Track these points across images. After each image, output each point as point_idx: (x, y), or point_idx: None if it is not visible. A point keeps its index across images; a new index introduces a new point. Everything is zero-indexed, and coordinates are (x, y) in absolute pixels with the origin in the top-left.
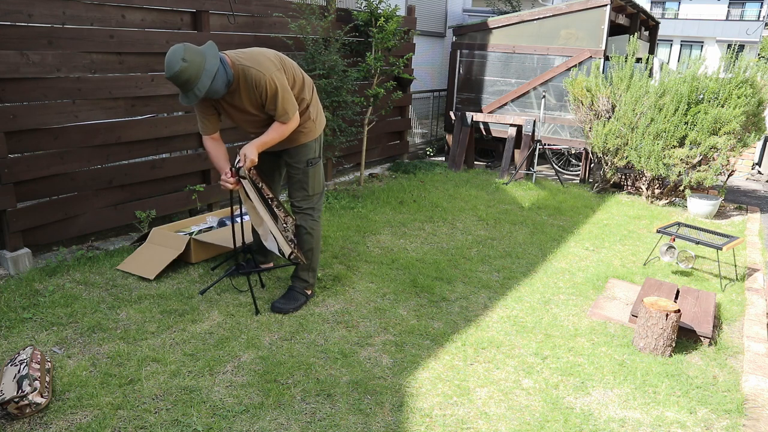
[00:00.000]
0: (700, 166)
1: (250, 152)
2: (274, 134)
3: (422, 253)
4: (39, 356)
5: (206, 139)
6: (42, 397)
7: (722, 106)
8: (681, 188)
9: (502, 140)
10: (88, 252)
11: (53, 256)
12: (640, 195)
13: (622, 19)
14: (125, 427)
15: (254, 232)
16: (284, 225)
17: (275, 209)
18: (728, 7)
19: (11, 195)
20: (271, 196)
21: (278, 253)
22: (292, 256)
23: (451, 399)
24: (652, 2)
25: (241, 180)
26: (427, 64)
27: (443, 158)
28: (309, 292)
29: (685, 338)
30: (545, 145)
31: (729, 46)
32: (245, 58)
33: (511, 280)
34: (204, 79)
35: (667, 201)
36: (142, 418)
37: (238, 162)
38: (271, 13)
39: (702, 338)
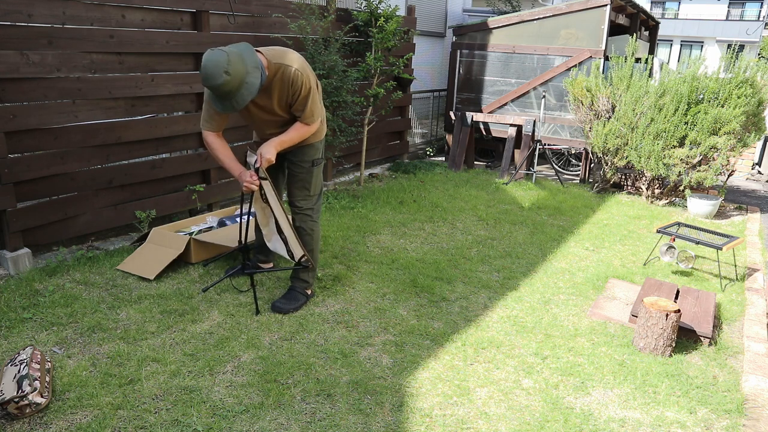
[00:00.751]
0: (700, 166)
1: (268, 152)
2: (295, 135)
3: (422, 253)
4: (39, 356)
5: (210, 135)
6: (42, 397)
7: (722, 106)
8: (681, 188)
9: (502, 140)
10: (88, 252)
11: (53, 256)
12: (640, 195)
13: (622, 19)
14: (125, 427)
15: (257, 231)
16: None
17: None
18: (728, 7)
19: (11, 195)
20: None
21: (286, 255)
22: (303, 259)
23: (451, 399)
24: (652, 2)
25: (261, 181)
26: (427, 64)
27: (443, 158)
28: (309, 292)
29: (685, 338)
30: (545, 145)
31: (729, 46)
32: (281, 56)
33: (511, 280)
34: (245, 94)
35: (667, 201)
36: (142, 418)
37: (256, 162)
38: (270, 14)
39: (702, 338)
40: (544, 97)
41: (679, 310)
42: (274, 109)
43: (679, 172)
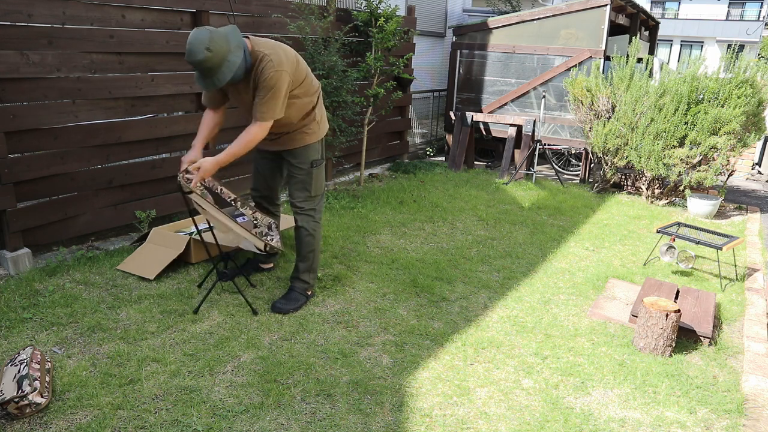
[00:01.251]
0: (700, 166)
1: (207, 166)
2: (239, 147)
3: (422, 253)
4: (39, 356)
5: (206, 111)
6: (42, 397)
7: (722, 106)
8: (681, 188)
9: (502, 140)
10: (88, 252)
11: (53, 256)
12: (640, 195)
13: (622, 19)
14: (125, 427)
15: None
16: (254, 221)
17: (241, 209)
18: (728, 7)
19: (11, 195)
20: (233, 197)
21: (257, 251)
22: (267, 248)
23: (451, 399)
24: (652, 2)
25: (186, 195)
26: (427, 64)
27: (443, 158)
28: (309, 293)
29: (685, 338)
30: (545, 145)
31: (729, 46)
32: (264, 44)
33: (511, 280)
34: (225, 71)
35: (667, 201)
36: (142, 418)
37: (185, 174)
38: (270, 14)
39: (702, 338)
40: (544, 97)
41: (679, 310)
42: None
43: (679, 172)
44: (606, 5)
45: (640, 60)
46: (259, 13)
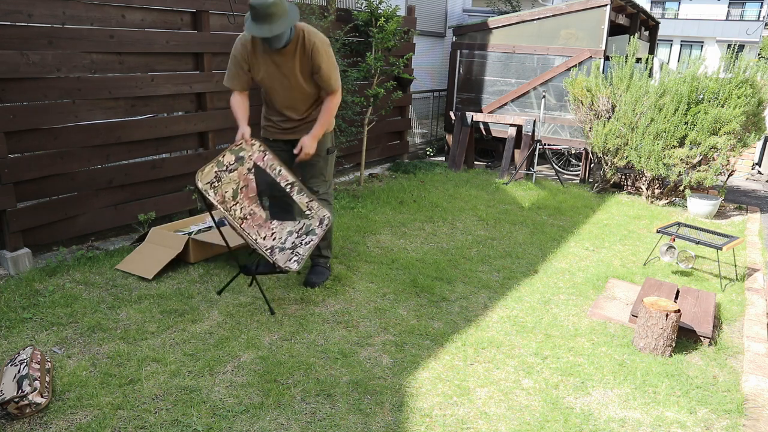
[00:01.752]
0: (700, 166)
1: (309, 143)
2: (327, 117)
3: (422, 253)
4: (39, 356)
5: (234, 93)
6: (42, 397)
7: (722, 106)
8: (681, 188)
9: (502, 140)
10: (88, 252)
11: (53, 256)
12: (640, 195)
13: (622, 19)
14: (125, 427)
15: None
16: (308, 211)
17: (297, 195)
18: (728, 7)
19: (11, 195)
20: (291, 181)
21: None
22: (276, 267)
23: (451, 399)
24: (652, 2)
25: (203, 195)
26: (427, 64)
27: (443, 158)
28: (328, 266)
29: (685, 338)
30: (545, 145)
31: (729, 46)
32: (306, 27)
33: (511, 280)
34: (283, 24)
35: (667, 201)
36: (142, 418)
37: (240, 146)
38: None
39: (702, 338)
40: (544, 97)
41: (679, 310)
42: (295, 73)
43: (679, 172)
44: (606, 5)
45: (639, 60)
46: None
